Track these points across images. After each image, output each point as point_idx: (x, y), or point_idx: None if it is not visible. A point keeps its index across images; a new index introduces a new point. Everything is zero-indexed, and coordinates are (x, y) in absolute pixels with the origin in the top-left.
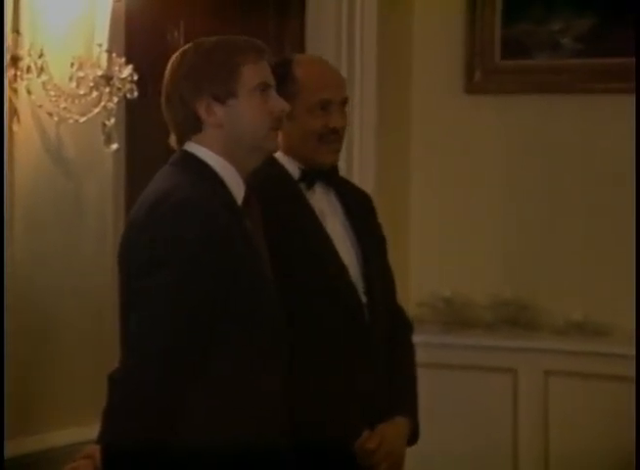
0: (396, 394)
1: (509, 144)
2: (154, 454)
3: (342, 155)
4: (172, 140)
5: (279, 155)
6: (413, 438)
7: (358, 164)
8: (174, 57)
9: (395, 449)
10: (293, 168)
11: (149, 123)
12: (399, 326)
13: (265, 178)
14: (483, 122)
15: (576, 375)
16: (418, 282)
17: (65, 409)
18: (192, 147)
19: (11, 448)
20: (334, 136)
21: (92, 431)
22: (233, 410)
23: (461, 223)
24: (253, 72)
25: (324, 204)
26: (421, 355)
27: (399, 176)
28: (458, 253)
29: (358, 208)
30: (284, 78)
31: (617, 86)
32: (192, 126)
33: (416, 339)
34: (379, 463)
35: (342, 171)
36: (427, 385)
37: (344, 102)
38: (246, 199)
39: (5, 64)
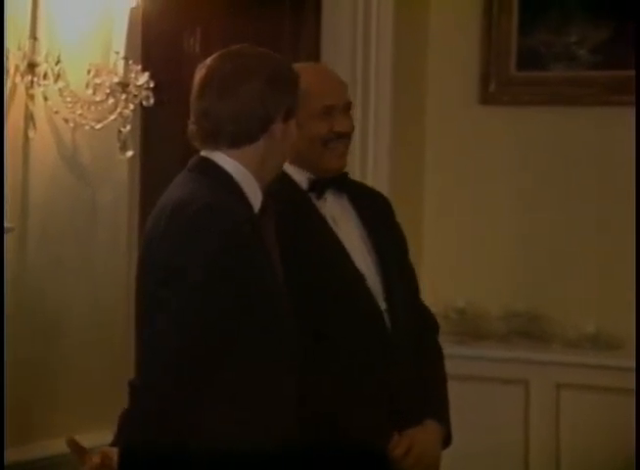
0: (425, 397)
1: (523, 155)
2: (172, 460)
3: (357, 163)
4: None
5: (286, 165)
6: (446, 440)
7: (372, 173)
8: (243, 56)
9: (427, 453)
10: (301, 178)
11: (164, 131)
12: (425, 328)
13: (273, 191)
14: (498, 133)
15: (588, 388)
16: (431, 292)
17: (77, 415)
18: (211, 154)
19: (26, 452)
20: (339, 140)
21: (105, 436)
22: (252, 414)
23: (474, 234)
24: None
25: (336, 211)
26: None
27: (413, 186)
28: (471, 263)
29: (373, 211)
30: None
31: (633, 99)
32: (246, 134)
33: None
34: (410, 468)
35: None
36: None
37: (348, 106)
38: (262, 208)
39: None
